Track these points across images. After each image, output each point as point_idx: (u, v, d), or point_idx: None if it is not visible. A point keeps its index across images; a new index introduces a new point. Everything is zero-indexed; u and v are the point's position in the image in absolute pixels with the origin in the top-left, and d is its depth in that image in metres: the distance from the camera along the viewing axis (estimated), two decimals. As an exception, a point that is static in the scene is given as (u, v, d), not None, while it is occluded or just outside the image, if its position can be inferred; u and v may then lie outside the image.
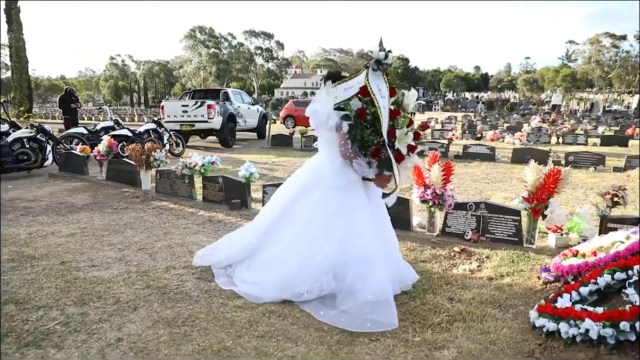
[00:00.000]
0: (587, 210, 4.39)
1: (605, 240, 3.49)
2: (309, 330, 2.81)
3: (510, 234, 4.41)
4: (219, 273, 3.65)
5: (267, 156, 11.65)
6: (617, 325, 2.32)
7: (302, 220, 3.20)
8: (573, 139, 14.81)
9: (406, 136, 3.01)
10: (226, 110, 13.92)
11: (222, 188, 6.16)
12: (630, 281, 2.65)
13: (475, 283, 3.51)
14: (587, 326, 2.41)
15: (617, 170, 9.18)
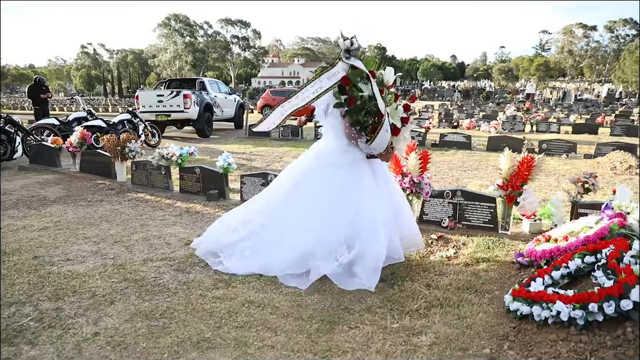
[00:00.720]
0: (558, 197, 4.50)
1: (576, 225, 3.59)
2: (289, 320, 2.82)
3: (485, 221, 4.49)
4: (214, 262, 3.62)
5: (245, 146, 11.57)
6: (586, 307, 2.40)
7: (313, 197, 3.37)
8: (546, 127, 15.14)
9: (397, 110, 3.31)
10: (203, 100, 13.73)
11: (199, 179, 6.09)
12: (599, 264, 2.73)
13: (452, 269, 3.57)
14: (558, 308, 2.48)
15: (587, 157, 9.43)
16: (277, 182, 3.78)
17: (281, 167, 8.47)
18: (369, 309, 2.95)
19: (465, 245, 4.13)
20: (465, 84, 64.10)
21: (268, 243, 3.46)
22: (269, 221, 3.52)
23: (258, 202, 3.80)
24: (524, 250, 3.68)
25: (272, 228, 3.48)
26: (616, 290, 2.37)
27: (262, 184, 5.56)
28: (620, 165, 7.97)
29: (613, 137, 12.69)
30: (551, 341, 2.42)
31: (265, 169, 8.20)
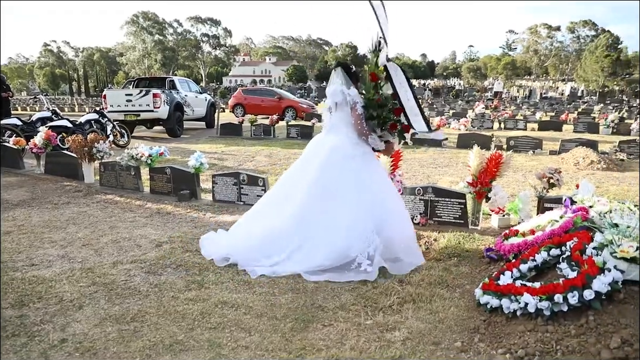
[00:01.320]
0: (526, 192, 4.63)
1: (542, 219, 3.70)
2: (263, 320, 2.81)
3: (456, 217, 4.58)
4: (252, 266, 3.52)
5: (217, 145, 11.44)
6: (552, 298, 2.47)
7: (338, 191, 3.54)
8: (513, 124, 15.52)
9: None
10: (173, 99, 13.50)
11: (170, 179, 6.00)
12: (564, 256, 2.82)
13: (424, 265, 3.62)
14: (525, 300, 2.56)
15: (553, 154, 9.73)
16: (290, 181, 3.84)
17: (253, 166, 8.43)
18: (343, 307, 2.97)
19: (436, 241, 4.19)
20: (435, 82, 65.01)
21: (314, 249, 3.47)
22: (307, 227, 3.52)
23: (281, 204, 3.72)
24: (493, 245, 3.76)
25: (312, 234, 3.50)
26: (579, 281, 2.46)
27: (234, 183, 5.52)
28: (583, 161, 8.26)
29: (576, 134, 13.12)
30: (520, 332, 2.49)
31: (238, 168, 8.14)
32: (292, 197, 3.67)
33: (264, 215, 3.80)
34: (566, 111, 20.89)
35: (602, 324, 2.32)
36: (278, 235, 3.59)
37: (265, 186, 5.34)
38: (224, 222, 4.75)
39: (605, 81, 50.30)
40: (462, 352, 2.45)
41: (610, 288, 2.40)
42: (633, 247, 2.47)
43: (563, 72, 66.70)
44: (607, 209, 3.32)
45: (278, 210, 3.71)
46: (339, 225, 3.45)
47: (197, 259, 3.78)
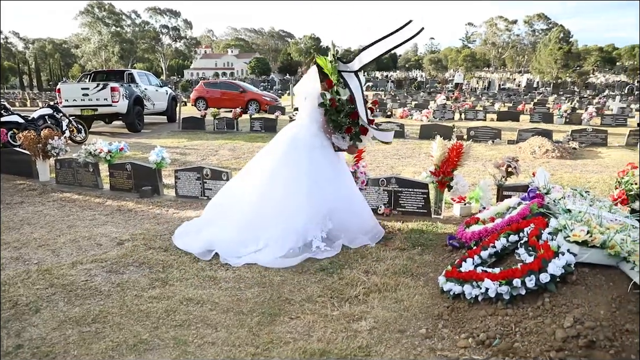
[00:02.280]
0: (486, 181, 4.76)
1: (501, 207, 3.82)
2: (229, 315, 2.78)
3: (419, 207, 4.67)
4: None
5: (179, 140, 11.21)
6: (511, 283, 2.56)
7: (295, 179, 3.74)
8: (474, 114, 15.91)
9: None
10: (132, 93, 13.11)
11: (131, 175, 5.83)
12: (521, 242, 2.93)
13: (389, 255, 3.68)
14: (486, 286, 2.64)
15: (511, 143, 10.04)
16: (257, 167, 4.05)
17: (217, 160, 8.32)
18: (310, 299, 2.98)
19: (400, 231, 4.26)
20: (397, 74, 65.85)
21: (277, 236, 3.64)
22: (266, 213, 3.72)
23: (245, 192, 3.91)
24: (455, 233, 3.86)
25: (274, 219, 3.67)
26: (536, 265, 2.55)
27: (197, 178, 5.44)
28: (539, 150, 8.57)
29: (532, 124, 13.57)
30: (481, 317, 2.57)
31: (201, 162, 8.00)
32: (259, 185, 3.84)
33: (236, 205, 3.90)
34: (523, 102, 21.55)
35: (557, 305, 2.43)
36: (252, 224, 3.72)
37: (229, 180, 5.27)
38: (188, 218, 4.67)
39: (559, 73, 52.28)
40: (426, 339, 2.51)
41: (564, 271, 2.51)
42: (584, 231, 2.58)
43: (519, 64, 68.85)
44: (561, 195, 3.46)
45: (248, 199, 3.84)
46: (300, 211, 3.69)
47: (161, 256, 3.70)
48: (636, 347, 2.11)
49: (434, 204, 4.71)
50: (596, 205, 3.25)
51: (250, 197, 3.84)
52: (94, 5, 66.93)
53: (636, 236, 2.62)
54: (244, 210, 3.81)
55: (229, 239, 3.71)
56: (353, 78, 3.83)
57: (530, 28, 67.00)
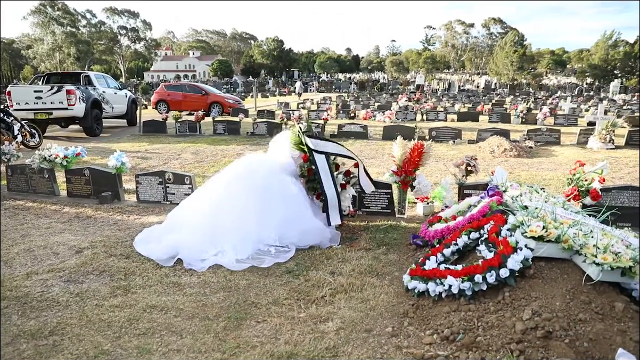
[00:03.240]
0: (448, 180, 4.88)
1: (462, 205, 3.92)
2: (194, 321, 2.74)
3: (383, 207, 4.74)
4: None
5: (139, 144, 10.93)
6: (473, 279, 2.64)
7: (268, 199, 3.97)
8: (435, 115, 16.26)
9: (338, 178, 4.25)
10: (89, 96, 12.68)
11: (89, 180, 5.65)
12: (482, 239, 3.02)
13: (354, 255, 3.71)
14: (449, 282, 2.70)
15: (471, 143, 10.32)
16: (233, 181, 4.12)
17: (179, 164, 8.17)
18: (276, 302, 2.97)
19: (365, 231, 4.31)
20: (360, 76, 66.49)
21: (238, 239, 3.77)
22: (226, 220, 3.83)
23: (207, 201, 4.04)
24: (419, 232, 3.93)
25: (233, 227, 3.82)
26: (496, 261, 2.64)
27: (159, 182, 5.32)
28: (498, 149, 8.84)
29: (491, 124, 13.98)
30: (445, 313, 2.63)
31: (163, 167, 7.84)
32: (233, 197, 3.94)
33: (199, 212, 3.96)
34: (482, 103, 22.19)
35: (516, 298, 2.51)
36: (215, 229, 3.78)
37: (192, 184, 5.19)
38: (150, 223, 4.56)
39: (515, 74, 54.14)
40: (392, 337, 2.55)
41: (522, 265, 2.60)
42: (540, 226, 2.68)
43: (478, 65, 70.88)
44: (518, 192, 3.58)
45: (209, 208, 3.91)
46: (268, 222, 3.87)
47: (122, 264, 3.60)
48: (588, 336, 2.21)
49: (397, 204, 4.78)
50: (551, 201, 3.40)
51: (211, 205, 3.94)
52: (46, 5, 64.32)
53: (587, 230, 2.75)
54: (207, 216, 3.87)
55: (193, 244, 3.70)
56: (319, 155, 4.21)
57: (487, 31, 69.17)
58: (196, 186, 5.34)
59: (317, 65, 79.87)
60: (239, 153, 9.29)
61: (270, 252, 3.74)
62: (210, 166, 7.86)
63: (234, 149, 9.90)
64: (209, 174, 7.26)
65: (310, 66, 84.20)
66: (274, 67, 77.19)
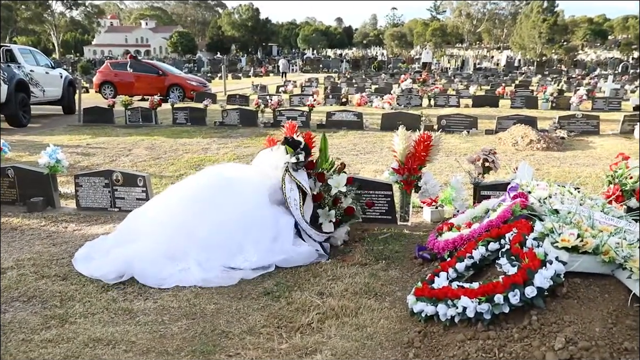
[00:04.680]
0: (459, 179, 4.92)
1: (479, 209, 3.96)
2: (150, 356, 2.72)
3: (383, 212, 4.76)
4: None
5: (80, 136, 10.84)
6: (492, 299, 2.66)
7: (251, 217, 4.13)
8: (445, 100, 16.40)
9: (328, 215, 4.24)
10: (13, 76, 12.52)
11: (14, 183, 5.58)
12: (503, 250, 3.05)
13: (347, 272, 3.73)
14: (463, 304, 2.72)
15: (489, 133, 10.43)
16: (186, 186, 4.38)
17: (130, 162, 8.12)
18: (251, 330, 2.97)
19: (361, 242, 4.33)
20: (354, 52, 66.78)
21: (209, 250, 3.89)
22: (195, 228, 3.95)
23: (172, 205, 4.17)
24: (425, 243, 3.96)
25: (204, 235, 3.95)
26: (520, 277, 2.66)
27: (106, 185, 5.29)
28: (522, 140, 8.95)
29: (513, 110, 14.16)
30: (459, 342, 2.65)
31: (110, 165, 7.78)
32: (208, 205, 4.07)
33: (160, 218, 4.05)
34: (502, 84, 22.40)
35: (546, 323, 2.54)
36: (178, 239, 3.87)
37: (146, 187, 5.16)
38: (94, 236, 4.53)
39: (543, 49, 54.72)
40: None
41: (552, 282, 2.63)
42: (574, 234, 2.71)
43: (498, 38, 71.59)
44: (547, 193, 3.62)
45: (185, 215, 4.01)
46: (245, 244, 3.99)
47: (58, 287, 3.57)
48: (634, 367, 2.25)
49: (399, 209, 4.81)
50: (587, 204, 3.44)
51: (175, 214, 4.04)
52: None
53: (633, 239, 2.78)
54: (169, 226, 3.95)
55: (150, 259, 3.73)
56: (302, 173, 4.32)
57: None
58: (152, 189, 5.32)
59: (301, 39, 79.98)
60: (205, 148, 9.28)
61: (244, 271, 3.79)
62: (169, 164, 7.83)
63: (198, 142, 9.88)
64: (167, 173, 7.23)
65: (292, 40, 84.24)
66: (248, 42, 77.09)
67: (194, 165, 7.70)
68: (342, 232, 4.34)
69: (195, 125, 12.25)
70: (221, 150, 9.06)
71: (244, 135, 10.70)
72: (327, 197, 4.28)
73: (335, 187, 4.27)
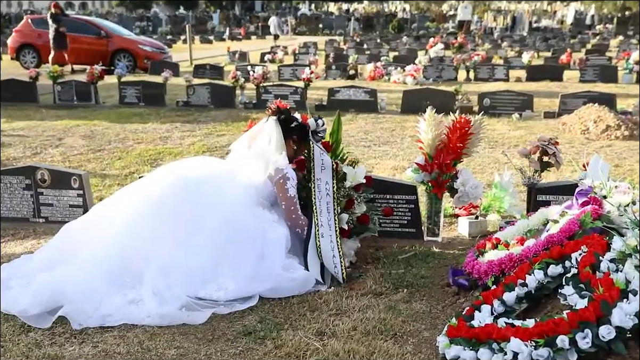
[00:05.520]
0: (509, 177, 4.90)
1: (534, 220, 3.95)
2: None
3: (404, 223, 4.76)
4: None
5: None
6: (554, 342, 2.64)
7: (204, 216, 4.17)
8: (489, 72, 16.38)
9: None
10: None
11: None
12: (568, 276, 3.03)
13: (356, 304, 3.71)
14: (514, 349, 2.71)
15: (549, 117, 10.40)
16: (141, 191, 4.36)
17: (61, 155, 8.11)
18: (226, 384, 2.97)
19: (375, 263, 4.33)
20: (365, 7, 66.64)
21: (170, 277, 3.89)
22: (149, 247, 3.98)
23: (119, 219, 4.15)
24: (462, 265, 3.95)
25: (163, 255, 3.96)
26: (592, 313, 2.64)
27: (26, 186, 5.27)
28: (595, 126, 8.89)
29: (584, 84, 14.11)
30: (507, 400, 2.64)
31: (33, 160, 7.75)
32: (167, 217, 4.11)
33: (102, 235, 4.02)
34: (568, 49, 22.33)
35: (628, 376, 2.53)
36: (128, 259, 3.90)
37: (83, 189, 5.15)
38: (11, 256, 4.53)
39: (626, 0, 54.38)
40: None
41: (637, 320, 2.61)
42: (666, 255, 2.71)
43: (564, -14, 71.33)
44: (630, 199, 3.60)
45: (137, 231, 4.02)
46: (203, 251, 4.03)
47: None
48: None
49: (426, 219, 4.80)
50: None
51: (122, 228, 4.04)
52: None
53: None
54: (114, 244, 3.94)
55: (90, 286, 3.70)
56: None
57: None
58: (91, 192, 5.31)
59: (294, -12, 79.73)
60: (164, 136, 9.27)
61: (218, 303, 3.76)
62: (116, 159, 7.83)
63: (155, 129, 9.87)
64: (112, 171, 7.22)
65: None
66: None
67: (148, 160, 7.69)
68: (351, 249, 4.33)
69: (151, 105, 12.25)
70: (186, 139, 9.06)
71: (216, 120, 10.69)
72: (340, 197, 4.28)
73: (350, 180, 4.28)
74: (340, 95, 11.57)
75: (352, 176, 4.28)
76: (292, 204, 4.28)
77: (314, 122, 4.40)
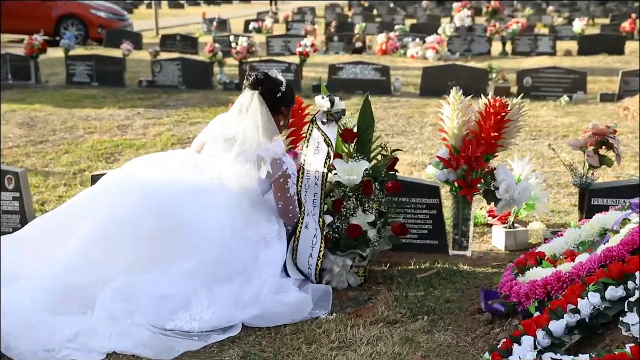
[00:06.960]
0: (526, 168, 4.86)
1: (588, 229, 3.93)
2: None
3: (423, 234, 4.74)
4: None
5: None
6: (613, 385, 2.64)
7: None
8: (531, 44, 16.36)
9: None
10: None
11: None
12: (632, 300, 3.02)
13: (364, 335, 3.70)
14: (563, 393, 2.71)
15: (607, 100, 10.39)
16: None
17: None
18: None
19: (388, 283, 4.33)
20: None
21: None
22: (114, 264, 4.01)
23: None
24: (497, 286, 3.93)
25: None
26: (661, 347, 2.64)
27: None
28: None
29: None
30: None
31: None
32: (132, 230, 4.11)
33: (71, 252, 4.04)
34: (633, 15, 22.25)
35: None
36: (94, 288, 3.87)
37: (20, 189, 5.14)
38: None
39: None
40: None
41: None
42: None
43: None
44: None
45: (94, 245, 4.05)
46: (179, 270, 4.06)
47: None
48: None
49: (452, 228, 4.79)
50: None
51: (81, 239, 4.07)
52: None
53: None
54: (65, 258, 3.98)
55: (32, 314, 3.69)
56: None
57: None
58: (30, 195, 5.30)
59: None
60: (123, 125, 9.27)
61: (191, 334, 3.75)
62: (62, 152, 7.84)
63: (111, 116, 9.89)
64: (57, 167, 7.23)
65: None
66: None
67: (103, 154, 7.70)
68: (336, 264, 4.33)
69: (107, 86, 12.28)
70: (151, 129, 9.07)
71: (189, 104, 10.71)
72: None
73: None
74: (343, 73, 11.57)
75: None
76: (291, 202, 4.39)
77: (326, 100, 4.34)
